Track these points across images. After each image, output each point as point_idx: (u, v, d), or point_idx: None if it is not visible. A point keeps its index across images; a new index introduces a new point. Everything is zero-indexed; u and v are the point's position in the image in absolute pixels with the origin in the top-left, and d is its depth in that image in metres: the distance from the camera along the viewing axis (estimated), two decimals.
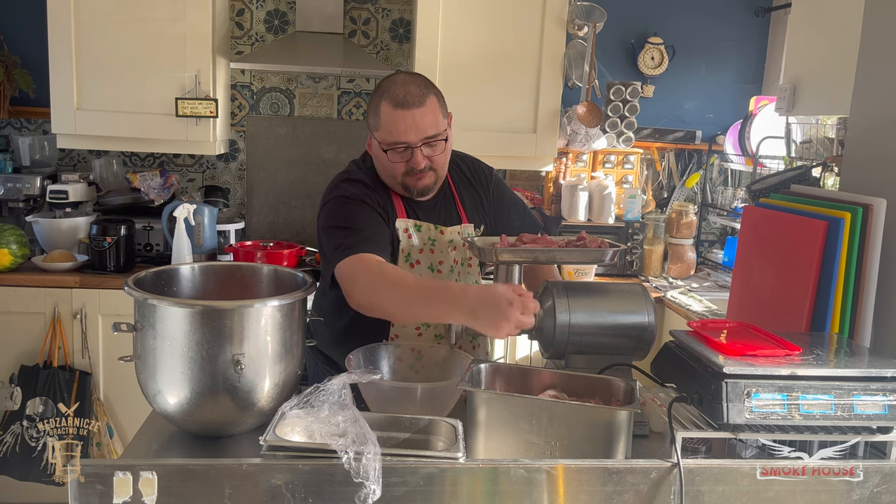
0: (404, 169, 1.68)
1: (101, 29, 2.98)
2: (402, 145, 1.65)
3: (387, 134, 1.65)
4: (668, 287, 3.20)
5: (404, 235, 1.73)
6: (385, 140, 1.66)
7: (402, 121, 1.63)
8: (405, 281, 1.51)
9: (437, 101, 1.68)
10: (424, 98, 1.64)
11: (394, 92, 1.64)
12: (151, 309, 1.27)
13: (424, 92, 1.65)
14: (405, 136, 1.64)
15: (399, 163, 1.67)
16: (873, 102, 1.58)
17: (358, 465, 1.08)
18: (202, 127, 3.07)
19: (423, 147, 1.66)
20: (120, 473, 1.08)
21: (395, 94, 1.63)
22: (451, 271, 1.78)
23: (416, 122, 1.63)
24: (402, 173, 1.69)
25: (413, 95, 1.63)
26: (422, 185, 1.71)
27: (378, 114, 1.66)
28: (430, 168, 1.69)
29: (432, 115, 1.65)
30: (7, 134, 3.39)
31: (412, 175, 1.69)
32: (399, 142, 1.65)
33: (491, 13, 3.12)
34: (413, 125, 1.63)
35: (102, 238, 2.90)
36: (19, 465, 2.79)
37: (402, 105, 1.63)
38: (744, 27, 3.66)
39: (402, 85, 1.65)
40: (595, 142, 3.35)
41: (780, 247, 1.60)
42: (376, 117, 1.67)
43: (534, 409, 1.25)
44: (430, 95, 1.66)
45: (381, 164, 1.73)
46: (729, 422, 1.15)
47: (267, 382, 1.30)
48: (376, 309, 1.52)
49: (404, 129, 1.63)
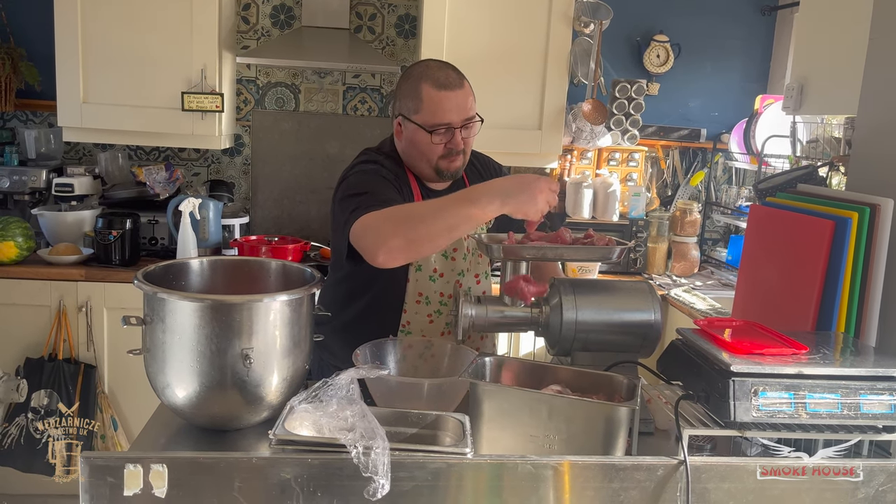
0: (443, 151, 1.72)
1: (108, 22, 2.99)
2: (444, 126, 1.69)
3: (430, 115, 1.69)
4: (671, 285, 3.21)
5: None
6: (428, 122, 1.69)
7: (447, 101, 1.68)
8: (429, 202, 1.49)
9: (469, 85, 1.75)
10: (462, 81, 1.73)
11: (434, 75, 1.70)
12: (161, 303, 1.27)
13: (460, 75, 1.74)
14: (449, 117, 1.69)
15: (439, 144, 1.71)
16: (881, 102, 1.58)
17: (367, 459, 1.08)
18: (208, 121, 3.07)
19: (462, 129, 1.71)
20: (130, 466, 1.09)
21: (437, 77, 1.69)
22: (465, 259, 1.80)
23: (459, 103, 1.70)
24: (440, 156, 1.72)
25: (452, 78, 1.71)
26: (454, 167, 1.75)
27: (419, 96, 1.70)
28: (461, 151, 1.74)
29: (470, 97, 1.73)
30: (13, 127, 3.39)
31: (448, 157, 1.72)
32: (442, 123, 1.69)
33: (497, 10, 3.12)
34: (456, 106, 1.69)
35: (108, 231, 2.90)
36: (24, 457, 2.81)
37: (445, 86, 1.69)
38: (750, 26, 3.65)
39: (440, 69, 1.72)
40: (600, 139, 3.36)
41: (786, 246, 1.60)
42: (416, 100, 1.70)
43: (534, 402, 1.26)
44: (464, 79, 1.74)
45: (416, 148, 1.74)
46: (736, 420, 1.16)
47: (275, 377, 1.31)
48: (411, 239, 1.44)
49: (448, 109, 1.69)
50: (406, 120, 1.73)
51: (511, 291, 1.51)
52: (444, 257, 1.77)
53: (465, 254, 1.80)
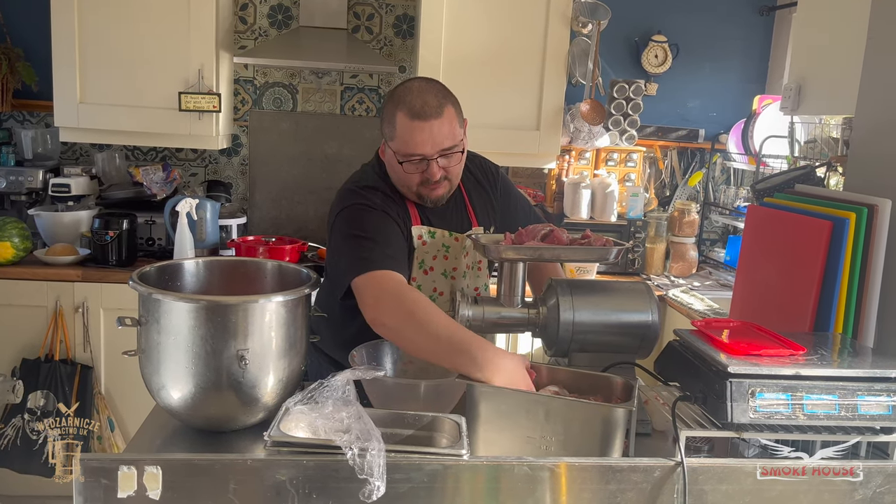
0: (419, 180, 1.64)
1: (105, 22, 2.98)
2: (418, 157, 1.61)
3: (402, 145, 1.61)
4: (669, 286, 3.20)
5: (418, 242, 1.72)
6: (400, 151, 1.62)
7: (419, 133, 1.58)
8: (432, 327, 1.41)
9: (453, 110, 1.63)
10: (441, 109, 1.59)
11: (410, 102, 1.58)
12: (156, 303, 1.27)
13: (441, 102, 1.60)
14: (421, 149, 1.59)
15: (414, 174, 1.64)
16: (879, 102, 1.58)
17: (362, 461, 1.08)
18: (205, 121, 3.06)
19: (440, 158, 1.62)
20: (124, 468, 1.08)
21: (412, 104, 1.58)
22: (465, 276, 1.78)
23: (434, 134, 1.58)
24: (417, 184, 1.65)
25: (430, 106, 1.58)
26: (436, 195, 1.68)
27: (393, 124, 1.61)
28: (444, 178, 1.66)
29: (449, 125, 1.60)
30: (10, 127, 3.38)
31: (427, 185, 1.65)
32: (415, 154, 1.60)
33: (495, 10, 3.12)
34: (430, 138, 1.58)
35: (104, 232, 2.90)
36: (20, 458, 2.80)
37: (419, 116, 1.57)
38: (748, 26, 3.65)
39: (418, 94, 1.59)
40: (598, 139, 3.35)
41: (784, 246, 1.60)
42: (391, 127, 1.62)
43: (531, 404, 1.26)
44: (447, 105, 1.61)
45: (395, 174, 1.69)
46: (733, 421, 1.15)
47: (271, 378, 1.30)
48: (396, 338, 1.48)
49: (420, 141, 1.58)
50: (386, 144, 1.68)
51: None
52: (444, 276, 1.76)
53: (465, 271, 1.78)
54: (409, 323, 1.43)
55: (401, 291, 1.49)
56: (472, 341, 1.38)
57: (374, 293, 1.50)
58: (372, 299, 1.50)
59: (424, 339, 1.41)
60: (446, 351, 1.39)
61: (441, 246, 1.75)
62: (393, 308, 1.46)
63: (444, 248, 1.75)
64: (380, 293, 1.50)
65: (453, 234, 1.75)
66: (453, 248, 1.75)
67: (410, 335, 1.44)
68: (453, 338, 1.39)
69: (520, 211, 1.90)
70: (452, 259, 1.76)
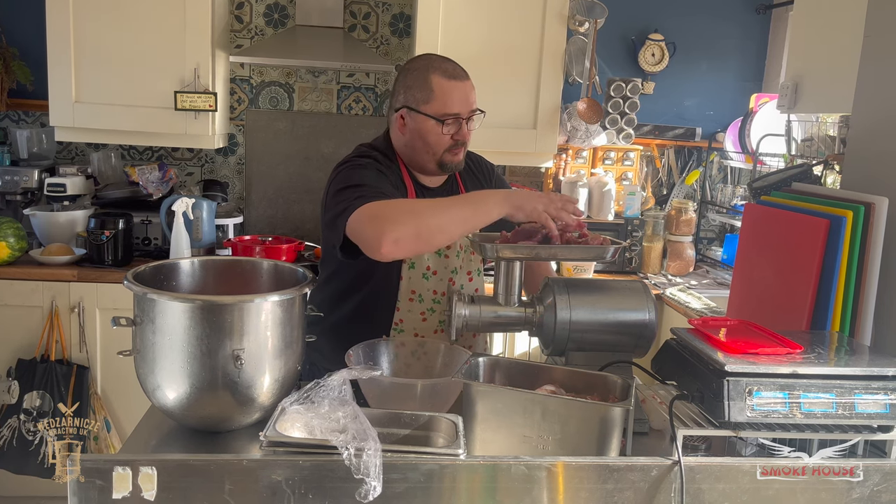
0: (450, 143, 1.72)
1: (100, 21, 2.97)
2: (453, 116, 1.69)
3: (441, 105, 1.69)
4: (666, 284, 3.20)
5: None
6: (439, 111, 1.69)
7: (458, 91, 1.69)
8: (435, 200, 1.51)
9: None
10: (467, 73, 1.73)
11: (442, 66, 1.70)
12: (151, 303, 1.26)
13: (464, 69, 1.74)
14: (458, 107, 1.69)
15: (447, 135, 1.71)
16: (876, 100, 1.57)
17: (359, 461, 1.07)
18: (201, 121, 3.06)
19: (467, 121, 1.72)
20: (119, 468, 1.08)
21: (445, 67, 1.70)
22: (458, 256, 1.79)
23: (468, 93, 1.71)
24: (446, 148, 1.72)
25: (459, 70, 1.72)
26: (457, 159, 1.75)
27: (429, 87, 1.69)
28: (464, 143, 1.75)
29: (474, 89, 1.74)
30: (5, 126, 3.37)
31: (452, 150, 1.73)
32: (452, 113, 1.69)
33: (492, 8, 3.12)
34: (465, 96, 1.70)
35: (100, 231, 2.89)
36: (16, 459, 2.79)
37: (455, 77, 1.69)
38: (744, 24, 3.65)
39: (445, 60, 1.73)
40: (595, 138, 3.35)
41: (781, 245, 1.59)
42: (425, 90, 1.69)
43: (528, 403, 1.25)
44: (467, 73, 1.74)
45: (423, 139, 1.72)
46: (730, 420, 1.15)
47: (267, 378, 1.30)
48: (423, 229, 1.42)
49: (459, 99, 1.69)
50: (412, 112, 1.71)
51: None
52: (438, 255, 1.77)
53: (458, 251, 1.79)
54: (416, 219, 1.42)
55: (388, 204, 1.49)
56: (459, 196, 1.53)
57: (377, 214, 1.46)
58: (379, 219, 1.44)
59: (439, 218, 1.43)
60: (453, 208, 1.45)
61: None
62: (393, 222, 1.42)
63: None
64: (383, 209, 1.46)
65: None
66: None
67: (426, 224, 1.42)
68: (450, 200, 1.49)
69: None
70: None
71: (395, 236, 1.39)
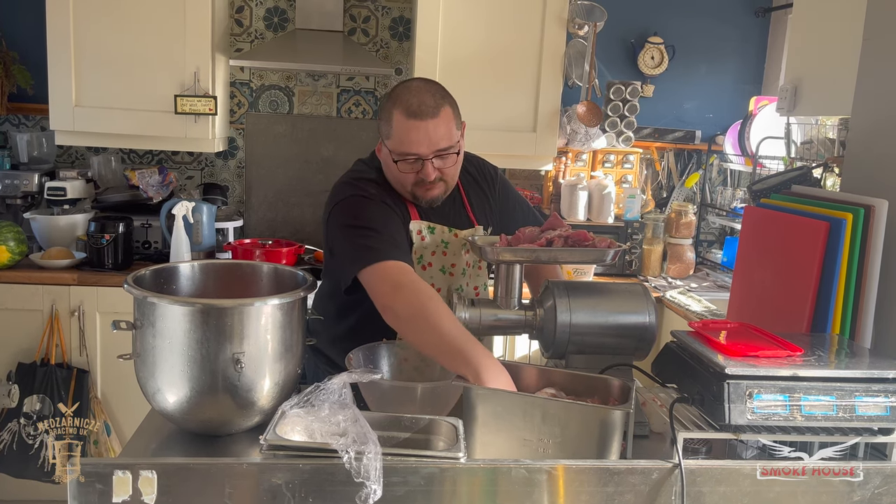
0: (414, 179, 1.64)
1: (100, 25, 2.97)
2: (413, 156, 1.61)
3: (398, 144, 1.60)
4: (666, 287, 3.20)
5: (417, 237, 1.71)
6: (396, 150, 1.61)
7: (415, 132, 1.58)
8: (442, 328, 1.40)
9: (451, 111, 1.62)
10: (438, 109, 1.59)
11: (407, 101, 1.58)
12: (151, 307, 1.26)
13: (439, 102, 1.60)
14: (416, 148, 1.59)
15: (409, 173, 1.63)
16: (875, 103, 1.58)
17: (359, 464, 1.07)
18: (201, 124, 3.06)
19: (435, 159, 1.61)
20: (119, 472, 1.08)
21: (409, 103, 1.58)
22: (464, 274, 1.78)
23: (429, 134, 1.58)
24: (412, 183, 1.65)
25: (427, 106, 1.58)
26: (430, 196, 1.67)
27: (390, 122, 1.61)
28: (440, 179, 1.65)
29: (445, 126, 1.60)
30: (5, 130, 3.37)
31: (421, 186, 1.65)
32: (410, 153, 1.60)
33: (491, 12, 3.12)
34: (426, 137, 1.58)
35: (100, 235, 2.89)
36: (16, 463, 2.79)
37: (416, 115, 1.57)
38: (744, 27, 3.66)
39: (416, 94, 1.59)
40: (595, 141, 3.35)
41: (781, 247, 1.59)
42: (388, 126, 1.62)
43: (527, 406, 1.25)
44: (444, 106, 1.60)
45: (390, 173, 1.68)
46: (731, 422, 1.15)
47: (267, 381, 1.30)
48: (404, 328, 1.46)
49: (416, 140, 1.58)
50: (382, 143, 1.68)
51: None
52: (443, 272, 1.75)
53: (464, 268, 1.77)
54: (421, 317, 1.42)
55: (418, 285, 1.48)
56: (474, 348, 1.36)
57: (391, 283, 1.48)
58: (389, 288, 1.48)
59: (430, 334, 1.41)
60: (448, 351, 1.38)
61: (440, 242, 1.74)
62: (409, 300, 1.44)
63: (443, 244, 1.74)
64: (397, 284, 1.48)
65: (453, 230, 1.75)
66: (452, 245, 1.74)
67: (420, 328, 1.42)
68: (457, 340, 1.38)
69: (518, 212, 1.89)
70: (451, 255, 1.75)
71: (395, 314, 1.45)
